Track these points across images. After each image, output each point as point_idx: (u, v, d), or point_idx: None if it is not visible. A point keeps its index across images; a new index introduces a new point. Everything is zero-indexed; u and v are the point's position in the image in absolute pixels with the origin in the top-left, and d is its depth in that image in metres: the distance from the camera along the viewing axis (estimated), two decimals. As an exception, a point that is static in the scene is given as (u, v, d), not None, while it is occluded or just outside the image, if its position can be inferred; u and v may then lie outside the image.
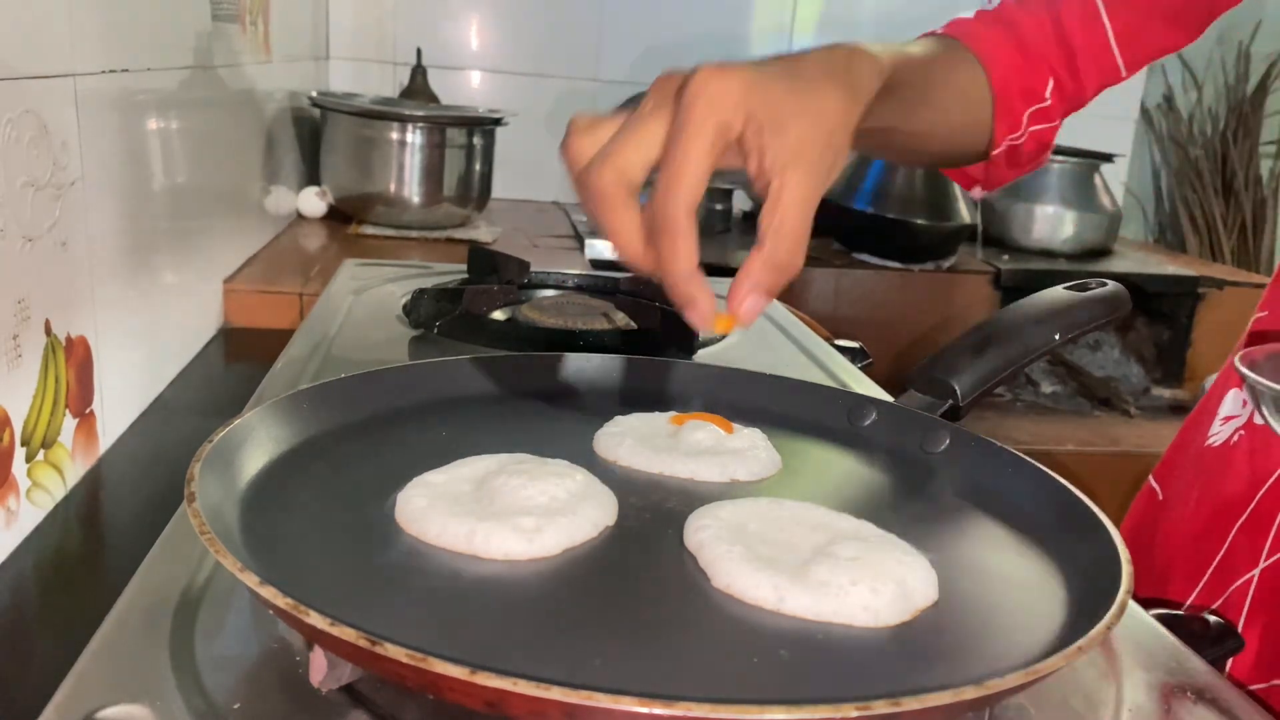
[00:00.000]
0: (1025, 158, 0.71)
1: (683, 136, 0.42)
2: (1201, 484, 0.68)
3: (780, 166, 0.42)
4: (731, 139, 0.42)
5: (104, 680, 0.37)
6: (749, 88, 0.42)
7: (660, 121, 0.43)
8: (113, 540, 0.71)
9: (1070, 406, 1.81)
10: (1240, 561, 0.62)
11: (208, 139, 1.08)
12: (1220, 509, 0.65)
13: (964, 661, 0.39)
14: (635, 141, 0.43)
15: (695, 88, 0.42)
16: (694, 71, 0.42)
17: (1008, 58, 0.67)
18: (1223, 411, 0.68)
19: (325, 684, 0.37)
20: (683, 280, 0.43)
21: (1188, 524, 0.68)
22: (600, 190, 0.43)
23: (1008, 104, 0.68)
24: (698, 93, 0.42)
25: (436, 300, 0.83)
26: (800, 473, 0.56)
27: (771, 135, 0.42)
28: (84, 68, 0.73)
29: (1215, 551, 0.64)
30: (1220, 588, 0.63)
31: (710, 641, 0.39)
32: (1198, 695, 0.43)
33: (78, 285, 0.73)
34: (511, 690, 0.30)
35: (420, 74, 1.83)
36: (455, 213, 1.61)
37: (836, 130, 0.45)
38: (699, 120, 0.41)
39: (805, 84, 0.45)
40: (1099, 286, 0.65)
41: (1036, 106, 0.69)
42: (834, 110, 0.45)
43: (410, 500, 0.46)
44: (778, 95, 0.43)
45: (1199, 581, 0.65)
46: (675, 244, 0.42)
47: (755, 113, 0.42)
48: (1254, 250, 2.40)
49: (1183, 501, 0.69)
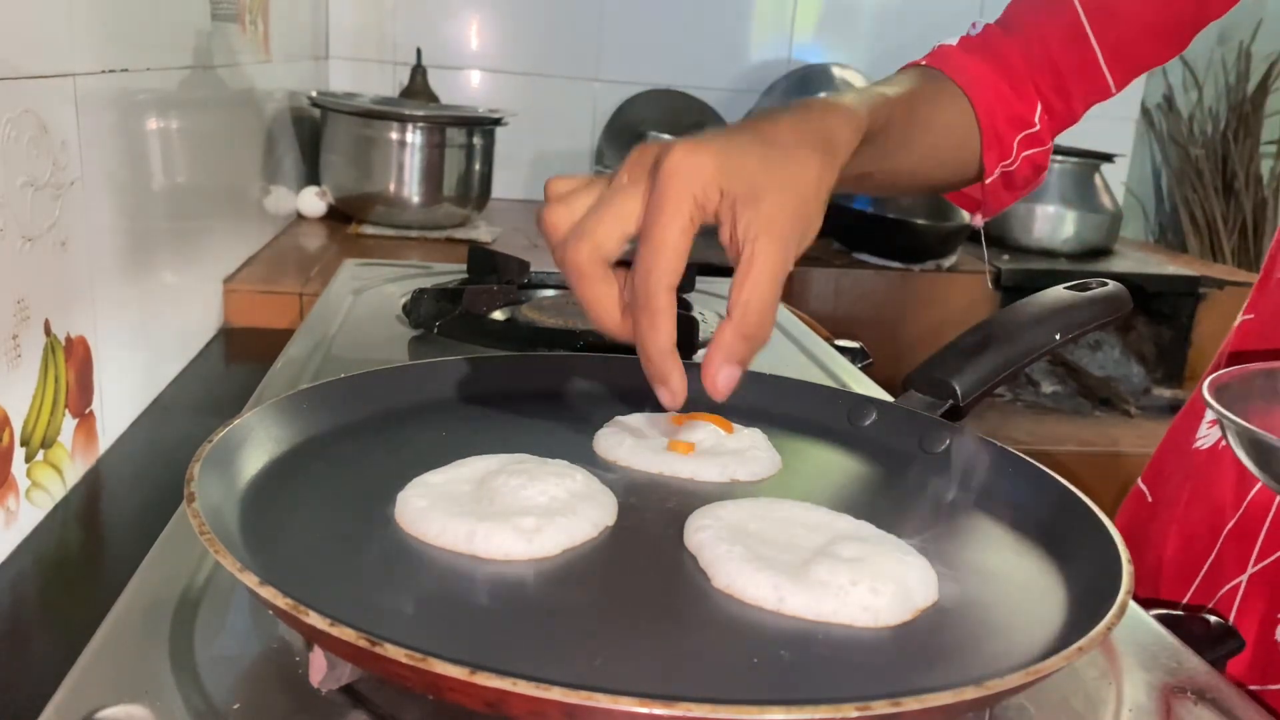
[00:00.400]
0: (1020, 181, 0.71)
1: (660, 216, 0.42)
2: (1190, 487, 0.68)
3: (751, 237, 0.43)
4: (709, 214, 0.43)
5: (104, 680, 0.37)
6: (722, 163, 0.43)
7: (635, 197, 0.44)
8: (112, 540, 0.71)
9: (1070, 406, 1.81)
10: (1229, 566, 0.62)
11: (207, 139, 1.07)
12: (1209, 513, 0.65)
13: (964, 661, 0.39)
14: (611, 217, 0.44)
15: (670, 166, 0.43)
16: (668, 148, 0.43)
17: (993, 87, 0.67)
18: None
19: (325, 684, 0.37)
20: (658, 357, 0.44)
21: (1177, 527, 0.67)
22: (577, 265, 0.44)
23: (995, 134, 0.68)
24: (672, 171, 0.42)
25: (436, 300, 0.83)
26: (800, 473, 0.56)
27: (744, 207, 0.43)
28: (83, 67, 0.73)
29: (1205, 555, 0.64)
30: (1211, 592, 0.63)
31: (710, 641, 0.39)
32: (1198, 695, 0.43)
33: (77, 285, 0.73)
34: (511, 690, 0.30)
35: (420, 74, 1.83)
36: (455, 213, 1.61)
37: (809, 199, 0.45)
38: (675, 199, 0.42)
39: (778, 152, 0.45)
40: (1099, 286, 0.65)
41: (1026, 132, 0.69)
42: (807, 179, 0.46)
43: (410, 500, 0.46)
44: (751, 168, 0.44)
45: (1190, 585, 0.65)
46: (654, 321, 0.43)
47: (729, 187, 0.43)
48: (1254, 250, 2.40)
49: (1172, 504, 0.69)
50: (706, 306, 0.97)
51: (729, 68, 2.06)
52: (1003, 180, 0.70)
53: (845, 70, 2.00)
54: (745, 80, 2.07)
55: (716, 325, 0.46)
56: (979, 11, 2.06)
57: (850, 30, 2.09)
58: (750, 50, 2.08)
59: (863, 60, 2.05)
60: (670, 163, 0.43)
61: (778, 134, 0.47)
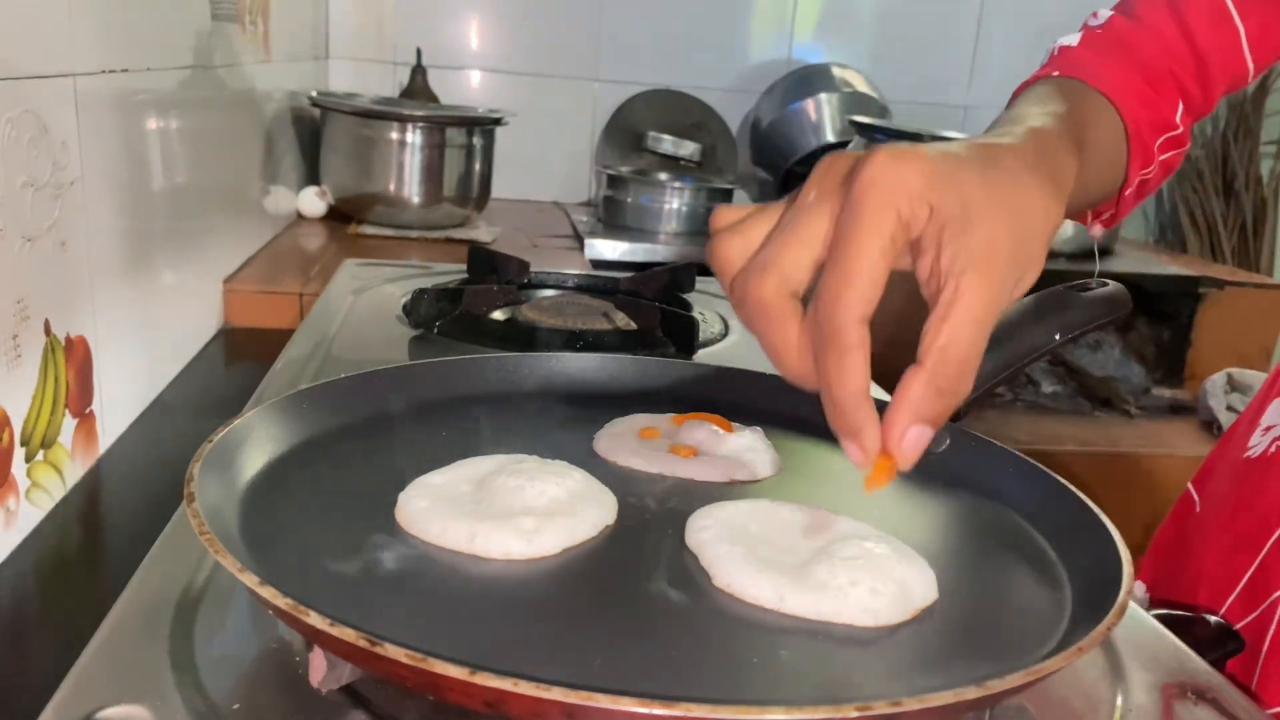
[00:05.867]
0: (1152, 186, 0.66)
1: (855, 234, 0.36)
2: (1238, 495, 0.65)
3: (959, 270, 0.36)
4: (912, 237, 0.37)
5: (104, 680, 0.37)
6: (934, 176, 0.36)
7: (824, 215, 0.37)
8: (112, 540, 0.70)
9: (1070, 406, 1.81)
10: (1275, 578, 0.60)
11: (207, 139, 1.07)
12: (1256, 522, 0.62)
13: (964, 661, 0.39)
14: (798, 241, 0.37)
15: (870, 175, 0.36)
16: (869, 156, 0.37)
17: (1135, 91, 0.61)
18: (1264, 421, 0.66)
19: (325, 684, 0.37)
20: (850, 404, 0.37)
21: (1222, 535, 0.65)
22: (761, 302, 0.37)
23: (1140, 141, 0.62)
24: (873, 181, 0.36)
25: (436, 300, 0.83)
26: (800, 473, 0.56)
27: (955, 233, 0.36)
28: (83, 67, 0.73)
29: (1247, 566, 0.62)
30: (1252, 604, 0.61)
31: (710, 641, 0.39)
32: (1198, 696, 0.43)
33: (77, 285, 0.73)
34: (511, 690, 0.30)
35: (420, 74, 1.83)
36: (455, 213, 1.61)
37: (1033, 237, 0.38)
38: (875, 214, 0.36)
39: (1003, 176, 0.39)
40: (1099, 286, 0.65)
41: (1168, 135, 0.63)
42: (1036, 211, 0.39)
43: (411, 501, 0.46)
44: (969, 187, 0.37)
45: (1229, 595, 0.62)
46: (843, 361, 0.36)
47: (941, 205, 0.36)
48: (1254, 250, 2.40)
49: (1218, 512, 0.67)
50: (707, 307, 0.97)
51: (729, 68, 2.06)
52: (1137, 189, 0.64)
53: (845, 70, 2.00)
54: (745, 80, 2.07)
55: None
56: (979, 11, 2.06)
57: (850, 30, 2.09)
58: (750, 50, 2.08)
59: (863, 60, 2.05)
60: (871, 171, 0.36)
61: (1001, 155, 0.40)
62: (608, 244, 1.64)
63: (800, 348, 0.37)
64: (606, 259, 1.61)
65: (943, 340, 0.36)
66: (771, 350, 0.38)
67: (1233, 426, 0.72)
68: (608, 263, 1.60)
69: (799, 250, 0.37)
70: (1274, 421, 0.65)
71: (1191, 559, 0.68)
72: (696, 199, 1.76)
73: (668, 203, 1.75)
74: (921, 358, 0.36)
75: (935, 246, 0.37)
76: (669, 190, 1.75)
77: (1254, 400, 0.70)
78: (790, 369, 0.38)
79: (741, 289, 0.38)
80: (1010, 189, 0.38)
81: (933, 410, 0.37)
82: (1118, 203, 0.65)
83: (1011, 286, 0.37)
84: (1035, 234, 0.39)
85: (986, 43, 2.08)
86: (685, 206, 1.75)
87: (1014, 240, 0.37)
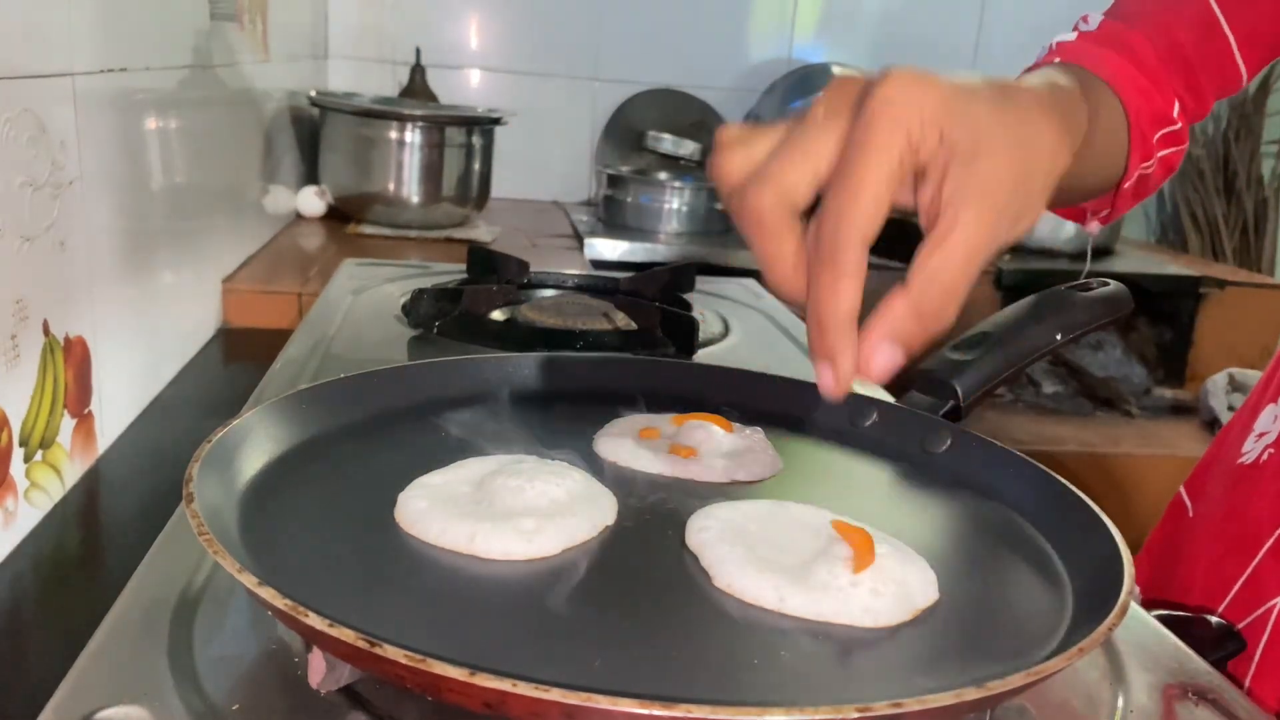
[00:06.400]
0: (1153, 184, 0.65)
1: (864, 152, 0.35)
2: (1230, 501, 0.65)
3: (959, 200, 0.36)
4: (919, 163, 0.36)
5: (103, 680, 0.37)
6: (948, 102, 0.36)
7: (832, 133, 0.37)
8: (111, 540, 0.70)
9: (1071, 407, 1.81)
10: (1267, 585, 0.60)
11: (206, 138, 1.07)
12: (1248, 529, 0.62)
13: (964, 662, 0.39)
14: (802, 155, 0.37)
15: (885, 93, 0.35)
16: (886, 75, 0.36)
17: (1134, 80, 0.61)
18: (1257, 427, 0.66)
19: (324, 685, 0.37)
20: (833, 326, 0.36)
21: (1214, 541, 0.65)
22: (758, 214, 0.37)
23: (1140, 132, 0.62)
24: (888, 99, 0.35)
25: (436, 300, 0.83)
26: (800, 473, 0.56)
27: (961, 163, 0.36)
28: (82, 67, 0.73)
29: (1239, 572, 0.62)
30: (1245, 610, 0.61)
31: (710, 642, 0.39)
32: (1199, 696, 0.43)
33: (76, 285, 0.73)
34: (511, 691, 0.30)
35: (419, 73, 1.83)
36: (454, 212, 1.61)
37: (1036, 173, 0.38)
38: (885, 134, 0.35)
39: (1016, 111, 0.38)
40: (1100, 286, 0.65)
41: (1167, 130, 0.63)
42: (1044, 149, 0.39)
43: (410, 501, 0.46)
44: (981, 118, 0.37)
45: (1221, 602, 0.62)
46: (837, 284, 0.36)
47: (950, 133, 0.36)
48: (1256, 250, 2.40)
49: (1211, 517, 0.67)
50: (707, 307, 0.97)
51: (729, 67, 2.06)
52: (1135, 184, 0.64)
53: (846, 70, 2.00)
54: (745, 80, 2.07)
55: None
56: (979, 11, 2.06)
57: (851, 29, 2.09)
58: (750, 49, 2.08)
59: (863, 59, 2.05)
60: (886, 89, 0.35)
61: (1014, 93, 0.39)
62: (607, 244, 1.64)
63: (795, 264, 0.37)
64: (606, 259, 1.61)
65: (933, 265, 0.36)
66: (765, 263, 0.38)
67: (1224, 430, 0.71)
68: (607, 262, 1.60)
69: (802, 165, 0.37)
70: (1267, 428, 0.65)
71: (1183, 564, 0.68)
72: (696, 199, 1.76)
73: (668, 202, 1.75)
74: (908, 280, 0.37)
75: (940, 174, 0.36)
76: (669, 190, 1.75)
77: (1246, 404, 0.70)
78: (781, 284, 0.38)
79: (740, 200, 0.38)
80: (1022, 125, 0.38)
81: (908, 331, 0.37)
82: (1116, 197, 0.65)
83: (1010, 224, 0.37)
84: (1040, 173, 0.38)
85: (987, 43, 2.08)
86: (685, 206, 1.75)
87: (1018, 177, 0.37)
